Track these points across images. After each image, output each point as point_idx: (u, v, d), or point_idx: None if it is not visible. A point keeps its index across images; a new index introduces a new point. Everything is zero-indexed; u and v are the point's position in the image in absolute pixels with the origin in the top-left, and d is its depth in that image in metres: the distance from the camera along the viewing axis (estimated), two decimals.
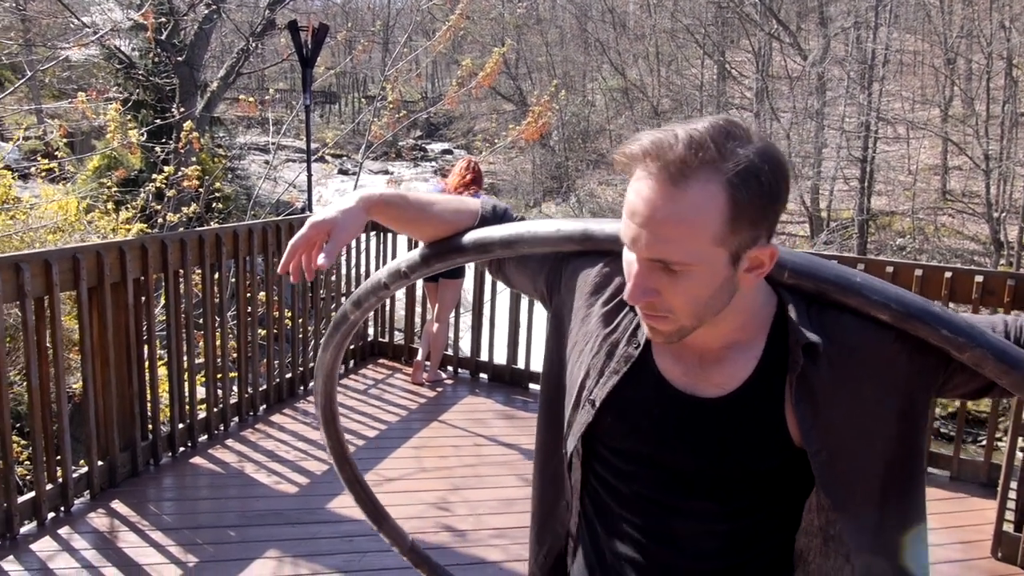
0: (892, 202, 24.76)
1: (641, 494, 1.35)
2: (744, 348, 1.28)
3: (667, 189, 1.11)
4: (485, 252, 1.52)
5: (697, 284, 1.16)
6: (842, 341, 1.25)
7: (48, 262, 3.77)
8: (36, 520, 3.80)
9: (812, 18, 28.86)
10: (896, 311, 1.24)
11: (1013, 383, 1.21)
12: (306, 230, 1.45)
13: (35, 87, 21.05)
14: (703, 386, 1.29)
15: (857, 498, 1.27)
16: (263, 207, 13.14)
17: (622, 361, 1.35)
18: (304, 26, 7.29)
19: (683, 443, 1.30)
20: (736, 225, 1.13)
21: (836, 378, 1.24)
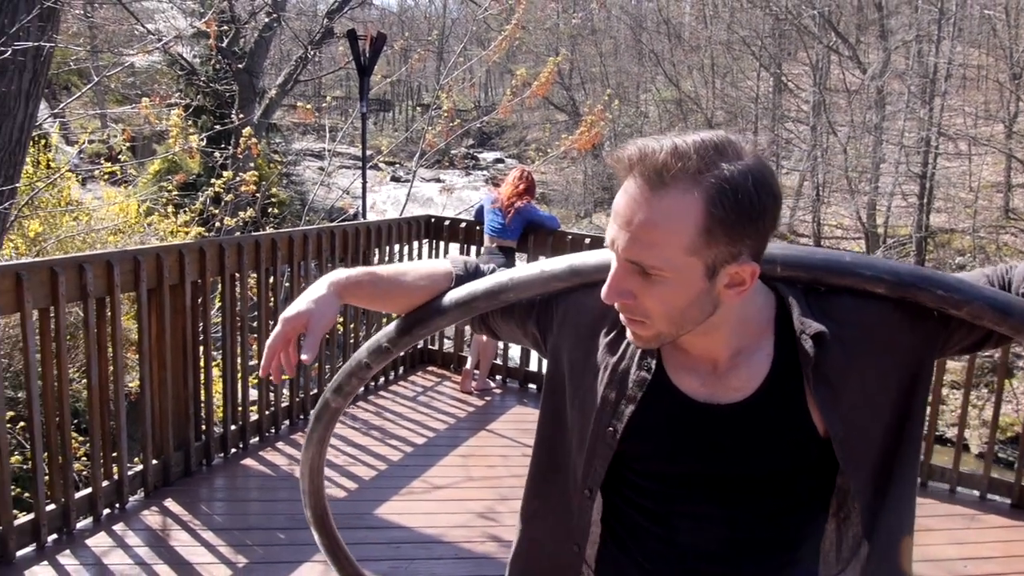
0: (952, 219, 24.26)
1: (670, 509, 1.35)
2: (754, 350, 1.29)
3: (646, 193, 1.14)
4: (469, 309, 1.48)
5: (671, 292, 1.18)
6: (846, 322, 1.28)
7: (110, 263, 3.85)
8: (92, 516, 3.88)
9: (872, 31, 28.44)
10: (890, 282, 1.27)
11: (1012, 327, 1.25)
12: (280, 328, 1.44)
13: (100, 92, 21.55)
14: (722, 393, 1.30)
15: (868, 474, 1.30)
16: (317, 213, 13.29)
17: (636, 387, 1.35)
18: (363, 35, 7.38)
19: (713, 453, 1.31)
20: (711, 237, 1.14)
21: (848, 360, 1.26)
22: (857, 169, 24.76)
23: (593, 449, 1.38)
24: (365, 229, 5.79)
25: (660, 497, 1.36)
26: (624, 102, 33.75)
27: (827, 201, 25.82)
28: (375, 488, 4.45)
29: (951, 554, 3.96)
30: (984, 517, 4.42)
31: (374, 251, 5.96)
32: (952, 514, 4.45)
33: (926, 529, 4.27)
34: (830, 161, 25.22)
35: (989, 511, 4.50)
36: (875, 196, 24.11)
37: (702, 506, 1.33)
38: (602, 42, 36.39)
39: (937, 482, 4.74)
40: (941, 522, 4.33)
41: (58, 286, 3.58)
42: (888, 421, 1.30)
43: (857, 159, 24.98)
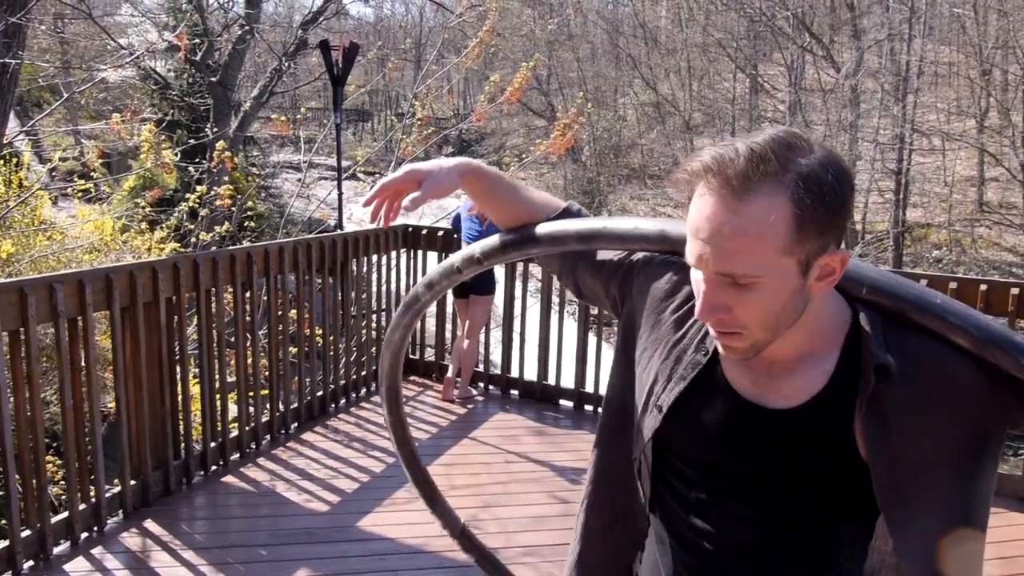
0: (928, 214, 24.49)
1: (705, 500, 1.34)
2: (817, 361, 1.26)
3: (731, 203, 1.11)
4: (560, 244, 1.52)
5: (767, 297, 1.15)
6: (919, 364, 1.22)
7: (82, 282, 3.80)
8: (70, 540, 3.82)
9: (845, 31, 28.66)
10: (975, 337, 1.20)
11: None
12: (400, 174, 1.49)
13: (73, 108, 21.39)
14: (772, 397, 1.27)
15: (918, 523, 1.24)
16: (295, 225, 13.24)
17: (689, 367, 1.34)
18: (335, 45, 7.35)
19: (748, 453, 1.29)
20: (802, 235, 1.12)
21: (910, 401, 1.21)
22: None
23: (643, 419, 1.39)
24: (342, 240, 5.75)
25: (697, 486, 1.35)
26: (602, 106, 33.87)
27: None
28: (358, 500, 4.41)
29: None
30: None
31: (351, 262, 5.92)
32: None
33: None
34: None
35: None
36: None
37: (736, 504, 1.31)
38: (579, 47, 36.50)
39: None
40: None
41: (28, 307, 3.53)
42: (947, 476, 1.24)
43: None
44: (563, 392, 5.96)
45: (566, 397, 5.95)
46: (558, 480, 4.73)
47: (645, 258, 1.51)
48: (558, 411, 5.86)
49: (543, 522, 4.22)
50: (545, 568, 3.75)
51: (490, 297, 6.09)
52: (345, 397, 5.86)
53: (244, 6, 14.05)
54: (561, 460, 4.98)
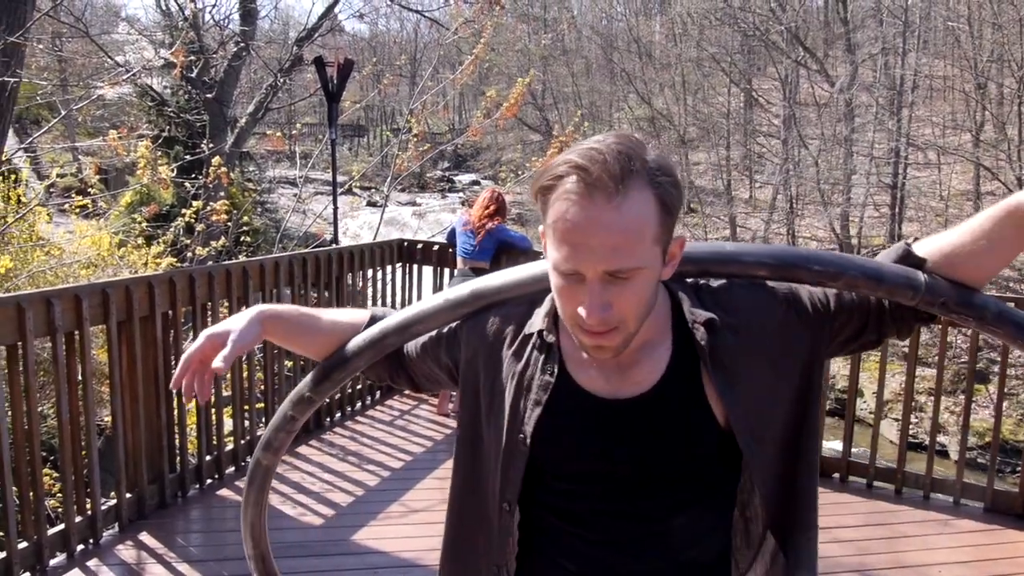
0: (924, 228, 24.51)
1: (592, 509, 1.37)
2: (656, 345, 1.34)
3: (611, 203, 1.15)
4: (382, 347, 1.51)
5: (642, 287, 1.22)
6: (737, 311, 1.34)
7: (78, 297, 3.83)
8: (66, 552, 3.84)
9: (839, 45, 28.78)
10: (771, 264, 1.34)
11: (887, 291, 1.31)
12: (201, 341, 1.48)
13: (70, 125, 21.47)
14: (626, 387, 1.34)
15: (769, 462, 1.34)
16: (291, 239, 13.27)
17: (541, 390, 1.38)
18: (330, 61, 7.40)
19: (619, 447, 1.34)
20: (665, 222, 1.21)
21: (741, 346, 1.32)
22: (829, 181, 25.00)
23: (508, 460, 1.40)
24: (337, 255, 5.79)
25: (575, 497, 1.38)
26: (597, 121, 33.98)
27: (800, 213, 26.05)
28: (353, 514, 4.43)
29: (925, 560, 3.99)
30: (957, 522, 4.45)
31: (347, 276, 5.96)
32: (926, 520, 4.48)
33: (900, 536, 4.30)
34: (802, 174, 25.46)
35: (962, 516, 4.53)
36: (848, 207, 24.35)
37: (615, 503, 1.35)
38: (574, 62, 36.65)
39: (911, 488, 4.78)
40: (915, 528, 4.36)
41: (25, 322, 3.56)
42: (787, 410, 1.36)
43: (829, 171, 25.24)
44: None
45: None
46: None
47: (465, 321, 1.52)
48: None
49: None
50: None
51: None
52: (340, 411, 5.88)
53: (240, 23, 14.12)
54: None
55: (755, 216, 27.45)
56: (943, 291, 1.31)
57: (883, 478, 4.86)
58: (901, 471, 4.78)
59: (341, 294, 5.89)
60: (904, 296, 1.31)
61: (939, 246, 1.35)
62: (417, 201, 35.62)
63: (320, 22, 14.21)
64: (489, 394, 1.45)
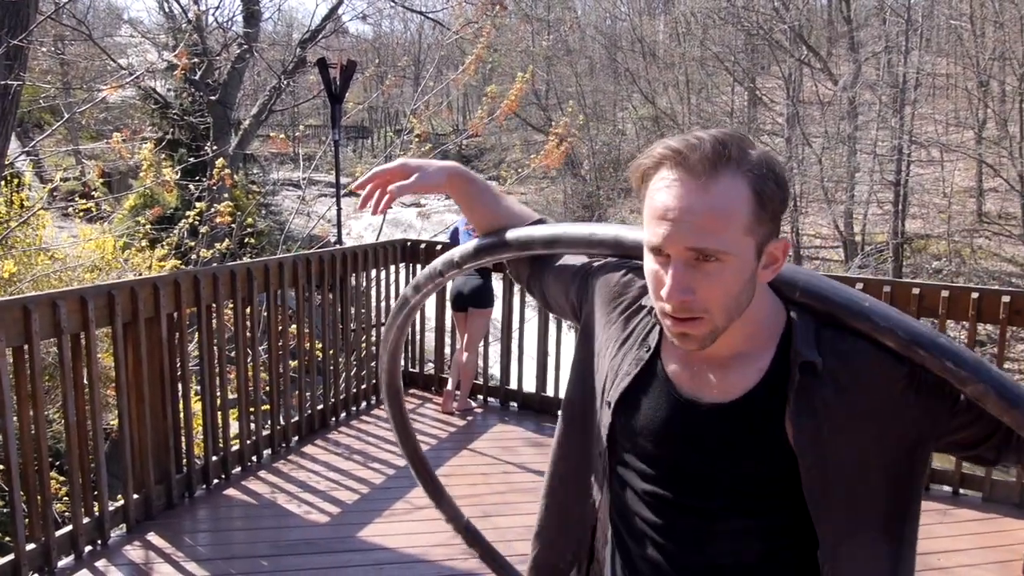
0: (927, 225, 24.49)
1: (651, 492, 1.39)
2: (751, 359, 1.32)
3: (700, 184, 1.19)
4: (527, 248, 1.62)
5: (730, 278, 1.21)
6: (849, 364, 1.29)
7: (84, 299, 3.86)
8: (74, 553, 3.87)
9: (842, 43, 28.78)
10: (902, 338, 1.25)
11: (1014, 420, 1.20)
12: (393, 165, 1.61)
13: (73, 129, 21.50)
14: (708, 392, 1.34)
15: (845, 520, 1.30)
16: (295, 241, 13.30)
17: (634, 363, 1.41)
18: (333, 63, 7.42)
19: (685, 445, 1.35)
20: (760, 216, 1.21)
21: (840, 398, 1.27)
22: (833, 179, 25.00)
23: (602, 413, 1.46)
24: (341, 255, 5.81)
25: (646, 477, 1.40)
26: (601, 120, 33.98)
27: (805, 211, 26.04)
28: (358, 511, 4.46)
29: (924, 548, 3.97)
30: (956, 511, 4.48)
31: (351, 277, 5.99)
32: (926, 509, 4.48)
33: None
34: (806, 172, 25.44)
35: (961, 505, 4.57)
36: (851, 205, 24.33)
37: (677, 493, 1.37)
38: (577, 62, 36.60)
39: None
40: None
41: (31, 324, 3.59)
42: (876, 478, 1.30)
43: (832, 169, 25.24)
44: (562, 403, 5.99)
45: None
46: None
47: (600, 263, 1.59)
48: (556, 422, 5.89)
49: None
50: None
51: (488, 310, 6.14)
52: (345, 411, 5.90)
53: (243, 25, 14.15)
54: None
55: None
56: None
57: None
58: None
59: (345, 295, 5.91)
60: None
61: None
62: (421, 202, 35.64)
63: (323, 24, 14.24)
64: (601, 345, 1.51)
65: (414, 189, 1.59)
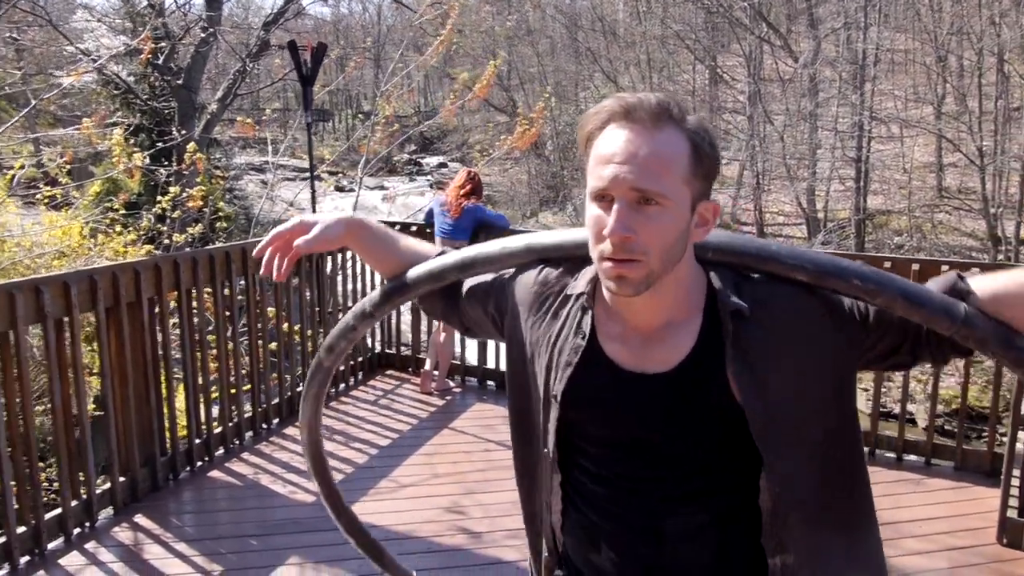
0: (888, 201, 24.83)
1: (616, 473, 1.45)
2: (684, 324, 1.40)
3: (647, 132, 1.29)
4: (440, 279, 1.62)
5: (668, 222, 1.29)
6: (770, 306, 1.38)
7: (67, 284, 3.87)
8: (63, 535, 3.90)
9: (802, 20, 28.98)
10: (811, 270, 1.37)
11: (922, 318, 1.31)
12: (290, 225, 1.61)
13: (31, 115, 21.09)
14: (650, 363, 1.40)
15: (795, 459, 1.37)
16: (263, 226, 13.24)
17: (573, 352, 1.45)
18: (304, 45, 7.41)
19: (638, 419, 1.41)
20: (696, 171, 1.32)
21: (769, 341, 1.37)
22: (795, 156, 25.25)
23: (546, 413, 1.50)
24: None
25: (602, 461, 1.46)
26: (564, 101, 33.98)
27: (767, 189, 26.28)
28: (343, 491, 4.43)
29: (900, 516, 4.14)
30: (929, 481, 4.63)
31: (326, 259, 6.01)
32: (900, 479, 4.65)
33: (876, 496, 4.44)
34: (768, 149, 25.67)
35: (934, 475, 4.71)
36: (813, 182, 24.59)
37: (638, 470, 1.43)
38: (538, 42, 36.55)
39: (884, 450, 4.94)
40: (889, 488, 4.51)
41: (16, 309, 3.60)
42: (816, 417, 1.39)
43: (794, 146, 25.49)
44: None
45: None
46: None
47: (512, 272, 1.63)
48: None
49: None
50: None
51: None
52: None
53: (205, 8, 13.99)
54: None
55: (722, 192, 27.60)
56: (982, 327, 1.29)
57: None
58: (874, 434, 4.94)
59: (321, 277, 5.94)
60: (941, 325, 1.30)
61: (991, 284, 1.34)
62: (385, 185, 35.47)
63: (286, 6, 14.12)
64: (530, 346, 1.54)
65: (318, 243, 1.60)
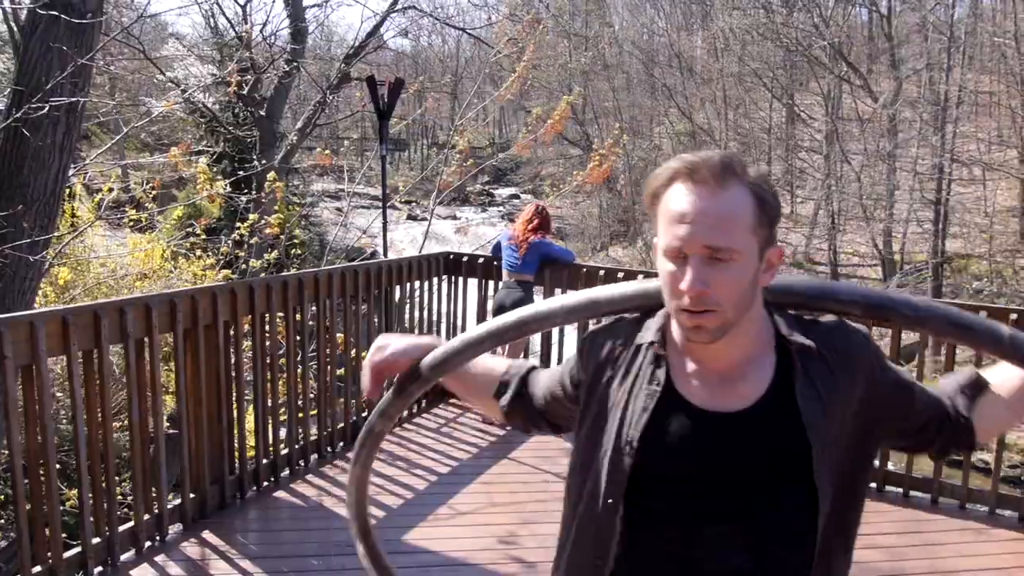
0: (968, 244, 24.29)
1: (690, 511, 1.47)
2: (759, 363, 1.48)
3: (713, 191, 1.37)
4: (501, 339, 1.60)
5: (739, 273, 1.38)
6: (834, 347, 1.48)
7: (148, 306, 4.06)
8: (135, 548, 4.07)
9: (883, 60, 28.64)
10: (864, 304, 1.47)
11: (970, 342, 1.41)
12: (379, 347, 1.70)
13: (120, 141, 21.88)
14: (729, 401, 1.47)
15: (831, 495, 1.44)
16: (336, 253, 13.54)
17: (648, 398, 1.50)
18: (382, 81, 7.64)
19: (717, 456, 1.46)
20: (761, 221, 1.40)
21: (832, 376, 1.46)
22: (871, 197, 24.86)
23: (615, 464, 1.51)
24: (386, 267, 5.99)
25: (676, 500, 1.48)
26: (638, 135, 34.04)
27: (843, 229, 25.89)
28: (402, 515, 4.61)
29: (963, 566, 4.09)
30: (993, 531, 4.54)
31: (395, 288, 6.16)
32: (963, 528, 4.57)
33: (937, 543, 4.40)
34: (844, 189, 25.33)
35: (999, 525, 4.62)
36: (890, 223, 24.18)
37: (711, 503, 1.45)
38: (614, 77, 36.71)
39: (947, 498, 4.87)
40: (952, 536, 4.46)
41: (100, 329, 3.79)
42: (845, 455, 1.45)
43: (871, 187, 25.10)
44: None
45: None
46: None
47: (577, 350, 1.67)
48: None
49: None
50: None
51: None
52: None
53: (290, 41, 14.45)
54: None
55: (796, 231, 27.35)
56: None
57: (919, 488, 4.95)
58: (937, 480, 4.87)
59: (389, 306, 6.09)
60: (989, 347, 1.39)
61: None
62: (457, 215, 35.92)
63: (367, 40, 14.50)
64: (599, 403, 1.57)
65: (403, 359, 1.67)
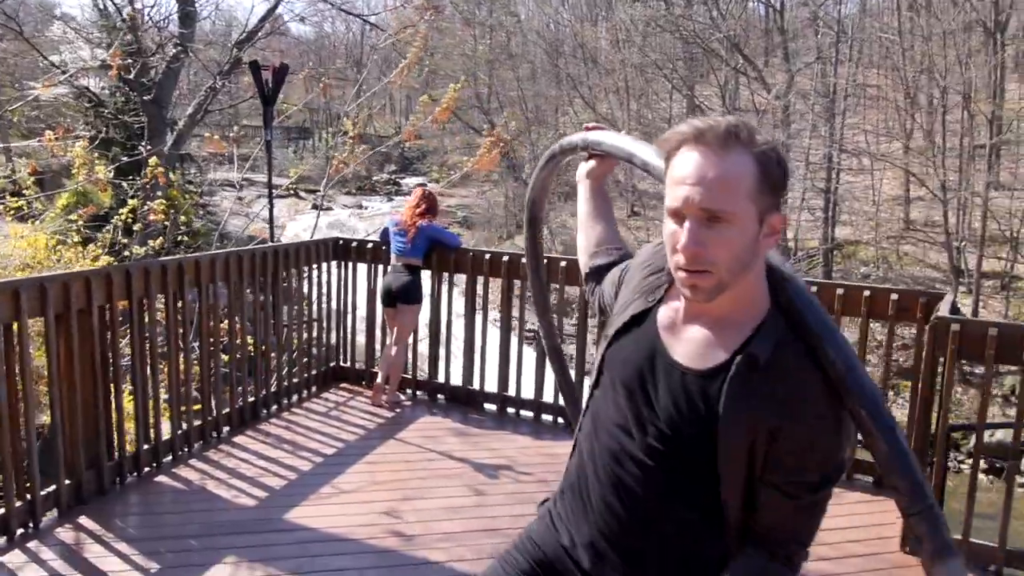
0: (856, 231, 25.25)
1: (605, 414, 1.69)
2: (728, 334, 1.55)
3: (715, 156, 1.45)
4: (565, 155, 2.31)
5: (735, 236, 1.46)
6: (780, 366, 1.50)
7: (17, 291, 3.99)
8: (6, 535, 3.99)
9: (777, 54, 29.48)
10: (839, 368, 1.46)
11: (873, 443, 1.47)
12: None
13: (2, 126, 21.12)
14: (681, 352, 1.59)
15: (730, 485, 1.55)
16: (232, 241, 13.33)
17: (637, 306, 1.69)
18: (266, 65, 7.57)
19: (644, 394, 1.61)
20: (762, 189, 1.46)
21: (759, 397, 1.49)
22: None
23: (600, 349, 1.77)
24: (273, 252, 5.96)
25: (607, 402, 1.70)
26: (543, 125, 34.27)
27: None
28: (285, 495, 4.64)
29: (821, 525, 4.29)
30: (848, 494, 4.79)
31: (283, 274, 6.14)
32: None
33: None
34: None
35: (854, 488, 4.87)
36: (783, 210, 24.87)
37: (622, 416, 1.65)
38: (519, 67, 36.88)
39: None
40: None
41: None
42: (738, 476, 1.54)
43: None
44: (487, 396, 6.24)
45: (490, 401, 6.23)
46: (476, 475, 5.01)
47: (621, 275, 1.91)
48: (482, 414, 6.13)
49: (459, 512, 4.50)
50: (458, 552, 4.02)
51: (417, 306, 6.33)
52: (276, 403, 6.06)
53: (179, 25, 14.13)
54: (480, 457, 5.26)
55: None
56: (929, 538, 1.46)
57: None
58: None
59: (277, 291, 6.07)
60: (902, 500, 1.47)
61: None
62: (363, 204, 35.67)
63: (260, 25, 14.27)
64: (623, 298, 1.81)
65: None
